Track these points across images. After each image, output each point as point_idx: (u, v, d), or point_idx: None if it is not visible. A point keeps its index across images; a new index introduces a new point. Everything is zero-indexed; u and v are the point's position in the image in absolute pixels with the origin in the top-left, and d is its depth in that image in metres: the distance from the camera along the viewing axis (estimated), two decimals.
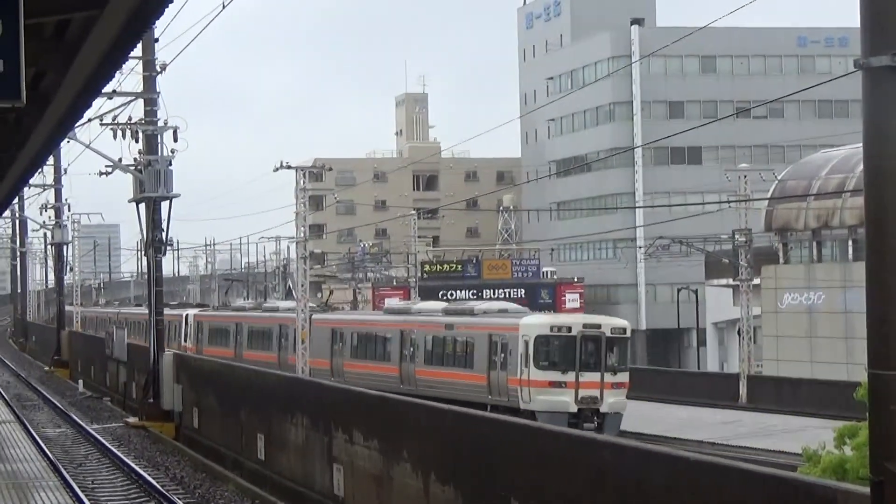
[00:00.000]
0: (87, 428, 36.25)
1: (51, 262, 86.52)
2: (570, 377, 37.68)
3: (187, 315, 64.11)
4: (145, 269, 42.47)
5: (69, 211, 69.93)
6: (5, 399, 44.57)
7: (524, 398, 37.25)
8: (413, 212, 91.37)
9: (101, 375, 51.42)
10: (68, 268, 74.57)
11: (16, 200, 69.32)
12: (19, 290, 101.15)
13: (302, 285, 49.44)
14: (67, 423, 38.61)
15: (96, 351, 52.70)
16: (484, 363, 39.37)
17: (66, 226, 66.84)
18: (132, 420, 37.90)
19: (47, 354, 69.16)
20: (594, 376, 37.96)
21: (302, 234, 50.64)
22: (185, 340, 62.50)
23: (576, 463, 14.16)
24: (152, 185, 36.80)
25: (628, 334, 40.76)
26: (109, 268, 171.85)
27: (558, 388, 37.39)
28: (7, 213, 74.53)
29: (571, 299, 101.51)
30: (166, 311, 44.15)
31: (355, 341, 47.27)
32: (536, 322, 39.21)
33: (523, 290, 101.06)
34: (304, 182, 49.71)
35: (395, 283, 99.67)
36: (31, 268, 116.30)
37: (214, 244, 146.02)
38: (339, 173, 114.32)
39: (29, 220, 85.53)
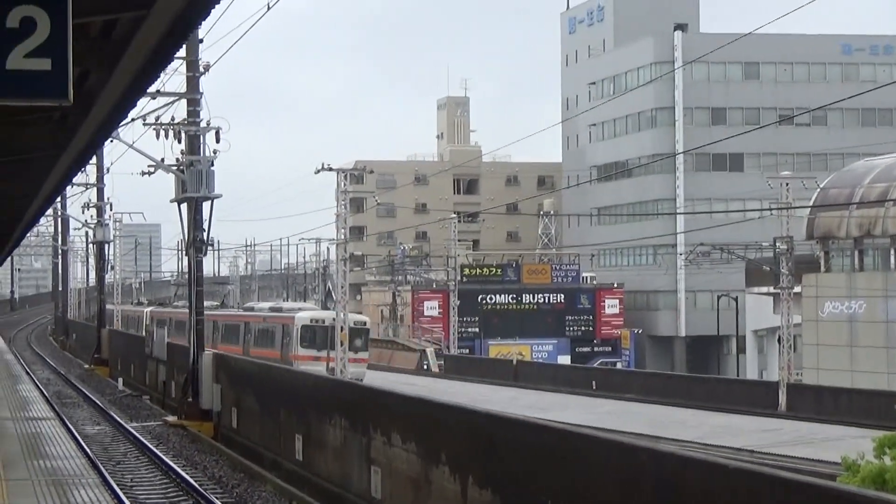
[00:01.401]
0: (127, 426, 35.99)
1: (92, 261, 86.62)
2: (323, 353, 54.73)
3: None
4: (186, 269, 42.48)
5: (111, 210, 69.50)
6: (45, 396, 43.76)
7: (296, 367, 47.42)
8: (453, 215, 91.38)
9: (141, 374, 51.38)
10: (109, 266, 73.48)
11: (58, 199, 69.69)
12: (60, 288, 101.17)
13: (342, 287, 49.30)
14: (107, 421, 38.33)
15: (136, 349, 52.77)
16: (279, 343, 57.04)
17: (107, 225, 66.39)
18: (171, 419, 37.77)
19: (87, 352, 69.07)
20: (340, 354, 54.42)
21: (342, 236, 51.33)
22: None
23: (614, 468, 14.11)
24: (194, 185, 36.58)
25: (368, 327, 58.12)
26: (150, 267, 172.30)
27: (315, 361, 53.45)
28: (49, 211, 74.87)
29: (611, 305, 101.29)
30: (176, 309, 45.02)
31: (223, 330, 64.61)
32: (303, 316, 56.56)
33: (563, 295, 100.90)
34: (345, 184, 50.13)
35: (434, 287, 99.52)
36: (73, 266, 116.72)
37: (255, 245, 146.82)
38: (379, 176, 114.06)
39: (71, 219, 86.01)
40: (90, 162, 58.55)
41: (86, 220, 69.29)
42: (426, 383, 62.74)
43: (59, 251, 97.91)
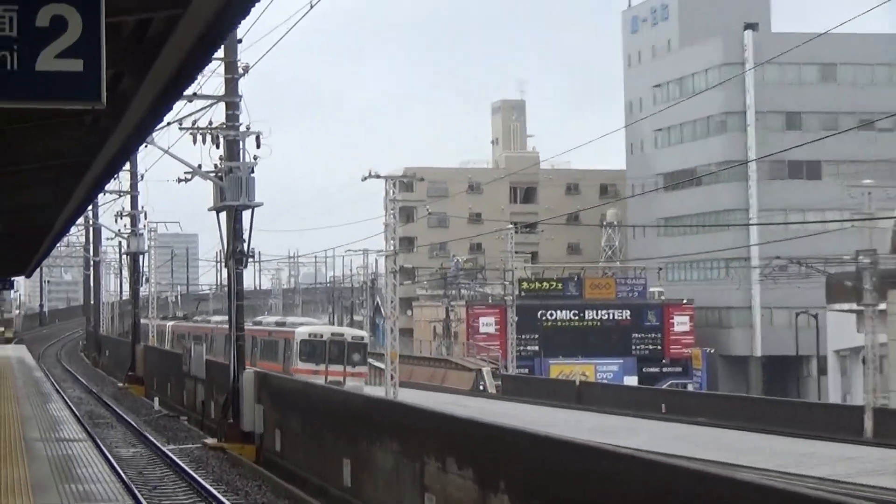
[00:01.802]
0: (163, 448, 35.75)
1: (125, 273, 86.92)
2: (321, 367, 58.78)
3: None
4: (225, 282, 42.49)
5: (145, 219, 68.97)
6: (77, 416, 41.14)
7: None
8: (510, 226, 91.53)
9: (178, 393, 51.43)
10: (144, 278, 72.75)
11: (90, 207, 69.89)
12: (92, 302, 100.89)
13: (392, 302, 49.22)
14: (142, 443, 38.07)
15: (173, 367, 52.88)
16: (282, 357, 61.88)
17: (142, 234, 65.88)
18: (210, 441, 37.60)
19: (121, 370, 68.80)
20: (339, 367, 58.81)
21: (392, 247, 50.71)
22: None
23: (692, 497, 14.08)
24: (234, 193, 36.37)
25: (366, 342, 62.45)
26: (187, 279, 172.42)
27: (314, 374, 56.46)
28: (80, 220, 75.06)
29: (680, 322, 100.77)
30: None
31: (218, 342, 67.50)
32: (303, 330, 61.15)
33: (628, 311, 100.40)
34: (394, 192, 50.16)
35: (490, 302, 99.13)
36: (105, 278, 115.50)
37: (298, 256, 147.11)
38: (431, 184, 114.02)
39: (103, 228, 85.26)
40: (123, 168, 58.64)
41: (119, 230, 68.79)
42: (482, 405, 62.56)
43: (91, 262, 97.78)
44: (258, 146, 36.66)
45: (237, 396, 36.29)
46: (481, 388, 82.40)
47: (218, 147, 36.98)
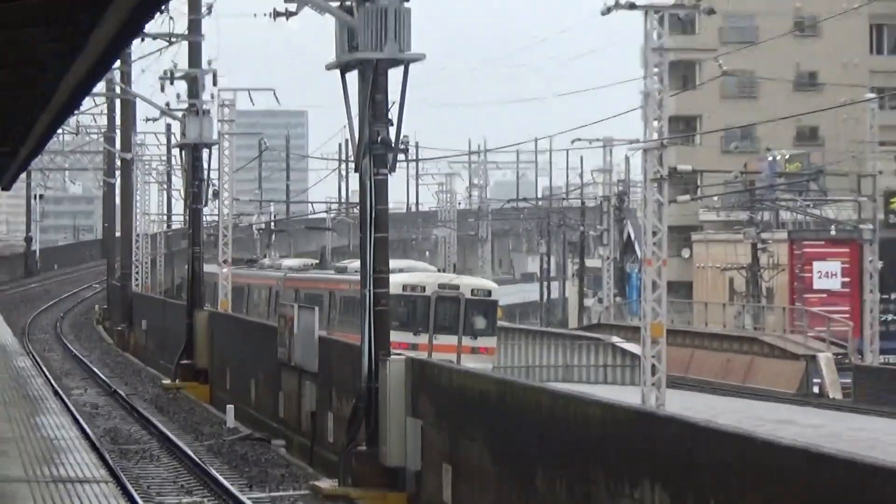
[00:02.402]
0: (242, 499, 30.70)
1: (178, 181, 69.62)
2: (423, 338, 50.38)
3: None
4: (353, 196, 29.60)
5: (214, 85, 52.97)
6: (90, 438, 36.40)
7: None
8: (870, 95, 75.02)
9: (270, 398, 43.74)
10: (211, 191, 57.79)
11: (117, 62, 52.73)
12: (119, 233, 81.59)
13: (655, 234, 39.93)
14: (206, 489, 32.72)
15: (260, 351, 44.68)
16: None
17: (208, 111, 51.51)
18: (328, 485, 31.48)
19: (168, 354, 58.96)
20: (450, 338, 50.22)
21: (655, 135, 40.80)
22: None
23: None
24: (371, 35, 29.24)
25: (495, 298, 53.08)
26: (287, 194, 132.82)
27: (411, 350, 46.79)
28: (100, 85, 56.21)
29: None
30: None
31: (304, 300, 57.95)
32: (394, 281, 45.87)
33: None
34: (659, 35, 40.18)
35: (833, 233, 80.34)
36: (142, 191, 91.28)
37: (485, 151, 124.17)
38: (727, 19, 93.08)
39: (139, 101, 66.07)
40: None
41: (167, 104, 53.47)
42: (822, 422, 48.86)
43: (118, 163, 78.60)
44: None
45: (373, 404, 30.64)
46: (815, 389, 67.06)
47: None
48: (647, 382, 43.67)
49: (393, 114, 30.31)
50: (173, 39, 51.82)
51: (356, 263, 53.79)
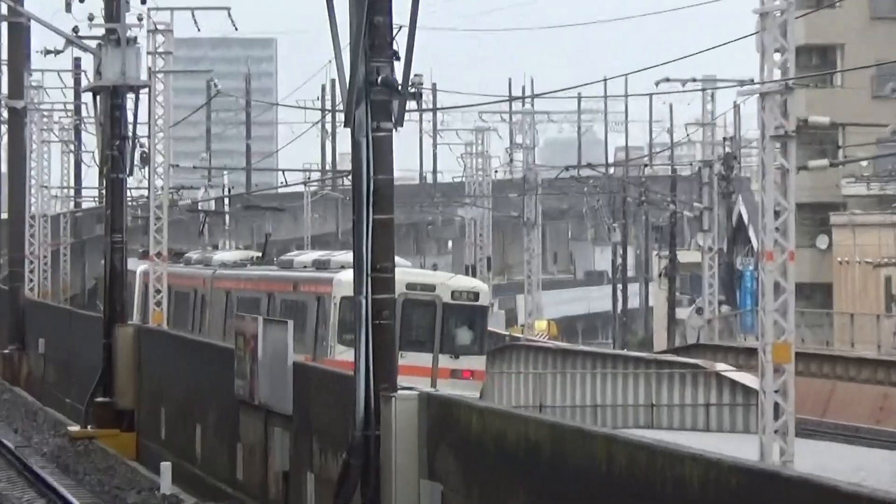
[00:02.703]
0: None
1: (89, 141, 61.02)
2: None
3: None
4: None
5: (143, 3, 44.86)
6: None
7: None
8: None
9: (224, 452, 37.15)
10: (139, 155, 47.33)
11: None
12: (5, 215, 71.15)
13: (779, 211, 34.52)
14: None
15: (210, 385, 38.11)
16: (311, 334, 49.25)
17: (134, 39, 42.72)
18: None
19: (77, 391, 50.91)
20: (425, 356, 45.43)
21: (777, 72, 35.65)
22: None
23: None
24: None
25: (484, 303, 48.28)
26: (248, 157, 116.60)
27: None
28: None
29: None
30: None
31: (237, 306, 55.47)
32: (347, 279, 41.25)
33: None
34: None
35: None
36: (39, 156, 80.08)
37: (532, 97, 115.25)
38: None
39: (35, 27, 57.30)
40: None
41: (75, 30, 44.03)
42: None
43: (3, 115, 67.19)
44: None
45: (373, 461, 27.13)
46: None
47: None
48: (767, 429, 38.32)
49: (400, 42, 26.07)
50: None
51: (310, 255, 48.94)
